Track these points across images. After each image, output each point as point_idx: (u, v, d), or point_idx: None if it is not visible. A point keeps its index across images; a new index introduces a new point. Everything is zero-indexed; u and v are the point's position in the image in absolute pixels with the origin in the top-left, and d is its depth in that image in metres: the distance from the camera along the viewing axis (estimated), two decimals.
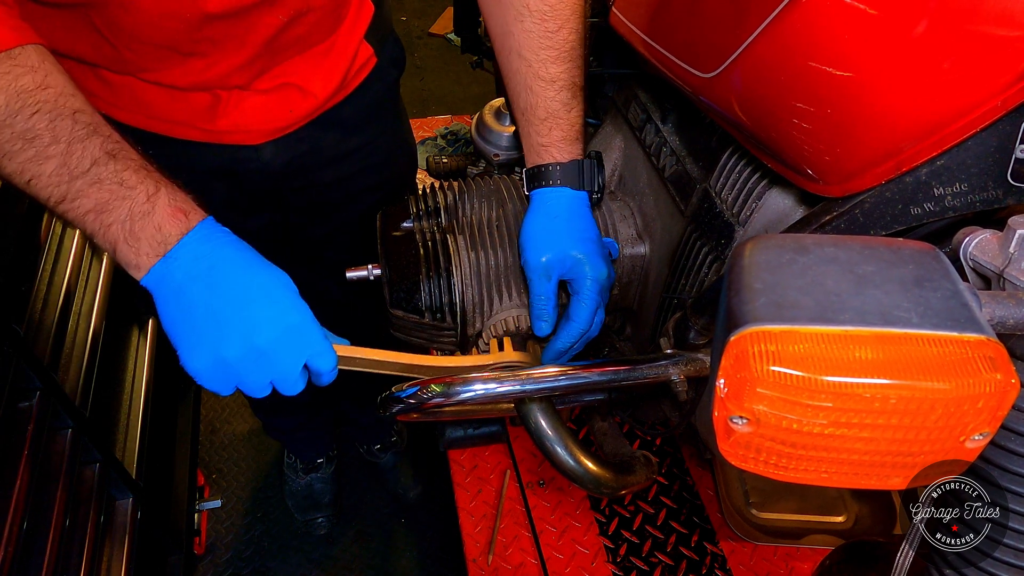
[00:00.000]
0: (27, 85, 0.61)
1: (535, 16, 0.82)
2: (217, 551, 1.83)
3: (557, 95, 0.85)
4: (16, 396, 1.06)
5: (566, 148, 0.88)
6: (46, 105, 0.61)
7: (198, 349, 0.66)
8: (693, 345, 0.79)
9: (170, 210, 0.64)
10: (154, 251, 0.64)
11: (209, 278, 0.65)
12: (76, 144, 0.62)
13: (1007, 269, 0.53)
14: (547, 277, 0.88)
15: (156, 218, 0.64)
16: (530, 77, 0.85)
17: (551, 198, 0.89)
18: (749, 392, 0.43)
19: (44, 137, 0.61)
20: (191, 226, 0.65)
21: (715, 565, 1.38)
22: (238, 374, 0.67)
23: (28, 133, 0.60)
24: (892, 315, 0.42)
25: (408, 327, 0.99)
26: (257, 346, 0.65)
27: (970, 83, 0.57)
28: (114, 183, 0.63)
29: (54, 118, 0.61)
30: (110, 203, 0.63)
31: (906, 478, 0.46)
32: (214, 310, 0.64)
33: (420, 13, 3.88)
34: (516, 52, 0.85)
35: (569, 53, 0.84)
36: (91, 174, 0.62)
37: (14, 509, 0.96)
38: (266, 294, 0.66)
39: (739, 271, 0.46)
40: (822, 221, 0.69)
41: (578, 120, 0.88)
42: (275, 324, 0.66)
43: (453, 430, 1.51)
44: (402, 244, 0.99)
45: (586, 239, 0.88)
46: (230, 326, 0.64)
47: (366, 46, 1.05)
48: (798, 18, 0.64)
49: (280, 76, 0.97)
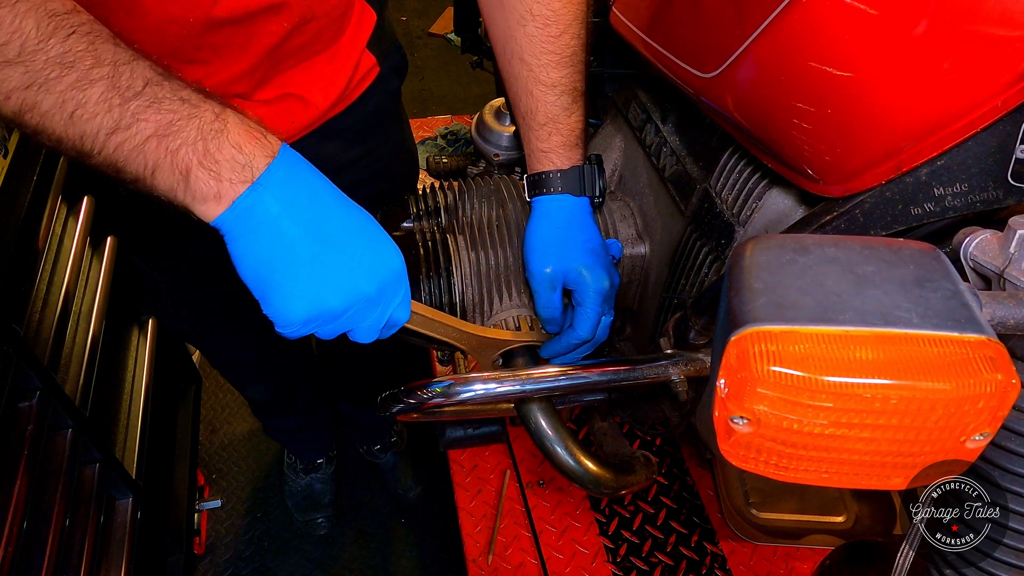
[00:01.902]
0: (57, 8, 0.52)
1: (538, 21, 0.82)
2: (217, 551, 1.83)
3: (557, 100, 0.85)
4: (16, 396, 1.06)
5: (566, 154, 0.88)
6: (82, 27, 0.53)
7: (299, 296, 0.57)
8: (693, 345, 0.79)
9: (245, 129, 0.55)
10: (239, 176, 0.55)
11: (311, 213, 0.57)
12: (123, 66, 0.53)
13: (1007, 269, 0.53)
14: (552, 288, 0.88)
15: (231, 137, 0.54)
16: (531, 81, 0.85)
17: (553, 207, 0.89)
18: (750, 392, 0.43)
19: (86, 59, 0.52)
20: (276, 150, 0.56)
21: (715, 565, 1.38)
22: (332, 323, 0.60)
23: (67, 56, 0.52)
24: (892, 315, 0.42)
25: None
26: (364, 293, 0.60)
27: (970, 83, 0.57)
28: (175, 101, 0.54)
29: (93, 40, 0.53)
30: (175, 123, 0.53)
31: (906, 478, 0.46)
32: (320, 252, 0.57)
33: (420, 13, 3.88)
34: (518, 56, 0.85)
35: (571, 58, 0.84)
36: (147, 94, 0.53)
37: (14, 509, 0.96)
38: (371, 235, 0.61)
39: (739, 271, 0.46)
40: (822, 221, 0.69)
41: (579, 125, 0.88)
42: (382, 269, 0.61)
43: (453, 430, 1.51)
44: (402, 244, 0.99)
45: (588, 249, 0.88)
46: (340, 272, 0.58)
47: (368, 55, 1.05)
48: (798, 18, 0.64)
49: (282, 86, 0.96)
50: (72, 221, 1.34)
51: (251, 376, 1.58)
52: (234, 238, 0.57)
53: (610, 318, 0.91)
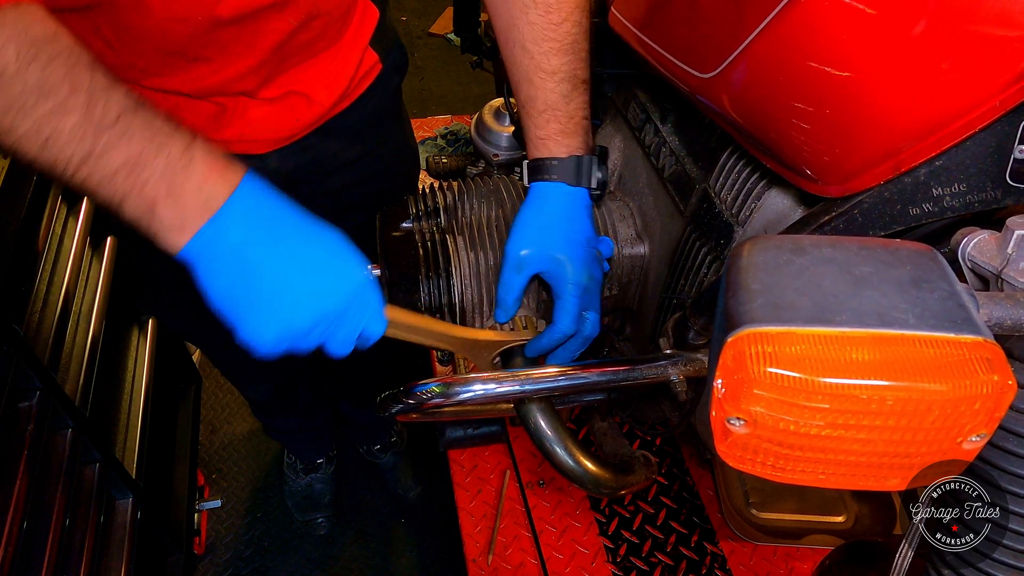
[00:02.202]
0: (39, 34, 0.54)
1: (540, 8, 0.83)
2: (217, 551, 1.83)
3: (556, 87, 0.85)
4: (16, 396, 1.06)
5: (563, 142, 0.88)
6: (62, 54, 0.55)
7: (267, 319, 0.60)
8: (692, 345, 0.79)
9: (210, 162, 0.58)
10: (201, 208, 0.57)
11: (272, 238, 0.59)
12: (99, 93, 0.55)
13: (1005, 270, 0.53)
14: (518, 270, 0.88)
15: (197, 171, 0.57)
16: (531, 69, 0.85)
17: (546, 193, 0.89)
18: (746, 393, 0.43)
19: (63, 88, 0.54)
20: (238, 180, 0.58)
21: (715, 565, 1.38)
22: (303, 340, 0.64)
23: (45, 84, 0.54)
24: (889, 316, 0.42)
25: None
26: (329, 311, 0.62)
27: (969, 83, 0.57)
28: (145, 134, 0.56)
29: (71, 66, 0.55)
30: (144, 156, 0.55)
31: (904, 479, 0.46)
32: (281, 274, 0.60)
33: (420, 13, 3.88)
34: (520, 45, 0.85)
35: (571, 46, 0.85)
36: (120, 125, 0.55)
37: (14, 509, 0.96)
38: (333, 254, 0.63)
39: (737, 272, 0.46)
40: (821, 221, 0.69)
41: (578, 113, 0.88)
42: (347, 285, 0.63)
43: (453, 430, 1.51)
44: (401, 244, 0.99)
45: (572, 240, 0.88)
46: (303, 291, 0.60)
47: (371, 52, 1.05)
48: (797, 18, 0.64)
49: (286, 84, 0.97)
50: (72, 221, 1.34)
51: (251, 376, 1.58)
52: (200, 267, 0.59)
53: (596, 314, 0.90)
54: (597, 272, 0.90)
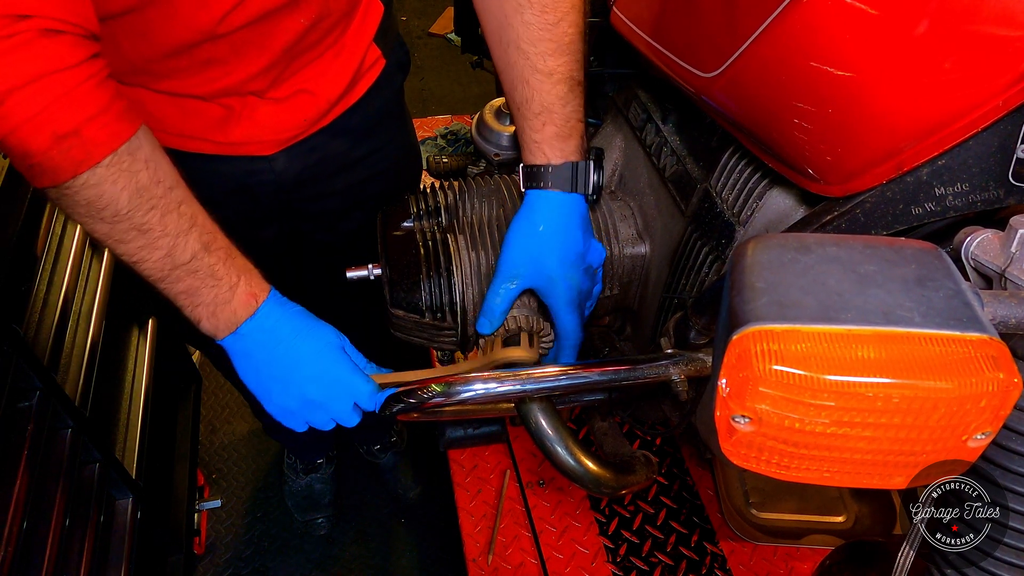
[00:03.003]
0: (144, 181, 0.69)
1: (535, 8, 0.81)
2: (217, 551, 1.83)
3: (553, 88, 0.84)
4: (16, 396, 1.06)
5: (559, 146, 0.87)
6: (160, 202, 0.70)
7: (268, 400, 0.83)
8: (694, 345, 0.79)
9: (245, 297, 0.78)
10: (229, 328, 0.79)
11: (266, 348, 0.80)
12: (181, 237, 0.73)
13: (1009, 268, 0.53)
14: (510, 281, 0.88)
15: (234, 304, 0.78)
16: (527, 70, 0.84)
17: (541, 202, 0.88)
18: (751, 391, 0.43)
19: (156, 231, 0.71)
20: (257, 307, 0.80)
21: (715, 565, 1.38)
22: (303, 417, 0.84)
23: (144, 226, 0.70)
24: (894, 314, 0.42)
25: (408, 327, 0.99)
26: (311, 398, 0.81)
27: (971, 83, 0.57)
28: (207, 275, 0.75)
29: (165, 213, 0.71)
30: (201, 290, 0.76)
31: (908, 477, 0.46)
32: (274, 371, 0.80)
33: (420, 13, 3.88)
34: (514, 44, 0.84)
35: (568, 46, 0.83)
36: (190, 265, 0.74)
37: (14, 509, 0.96)
38: (314, 355, 0.81)
39: (741, 270, 0.46)
40: (823, 221, 0.69)
41: (574, 115, 0.86)
42: (322, 380, 0.81)
43: (453, 430, 1.51)
44: (402, 244, 0.99)
45: (565, 258, 0.87)
46: (288, 383, 0.81)
47: (374, 48, 1.05)
48: (799, 18, 0.64)
49: (294, 83, 0.97)
50: (72, 222, 1.34)
51: None
52: (231, 356, 0.81)
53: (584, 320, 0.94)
54: (586, 284, 0.91)
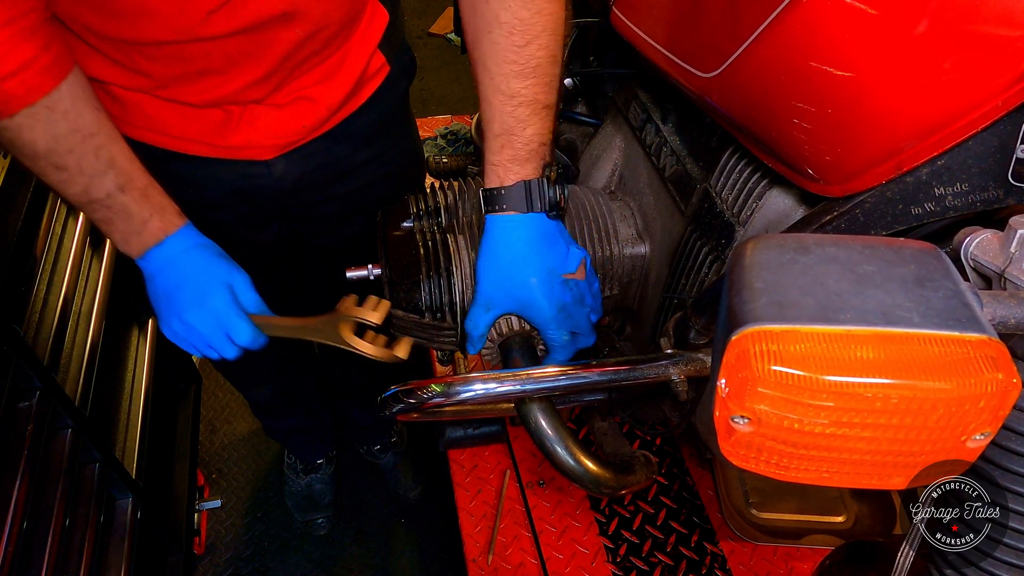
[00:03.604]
0: (62, 130, 0.78)
1: (503, 28, 0.79)
2: (217, 551, 1.83)
3: (513, 111, 0.82)
4: (16, 396, 1.06)
5: (514, 169, 0.84)
6: (78, 147, 0.80)
7: (160, 318, 0.93)
8: (693, 345, 0.79)
9: (154, 231, 0.88)
10: (138, 252, 0.89)
11: (163, 274, 0.90)
12: (96, 178, 0.82)
13: (1008, 269, 0.53)
14: (485, 309, 0.88)
15: (144, 236, 0.88)
16: (491, 90, 0.82)
17: (498, 228, 0.86)
18: (750, 391, 0.43)
19: (72, 170, 0.80)
20: (162, 239, 0.89)
21: (715, 565, 1.38)
22: (187, 340, 0.92)
23: (61, 165, 0.80)
24: (893, 315, 0.42)
25: (408, 326, 0.99)
26: (189, 322, 0.90)
27: (971, 83, 0.57)
28: (120, 210, 0.85)
29: (81, 157, 0.80)
30: (114, 221, 0.86)
31: (907, 478, 0.46)
32: (167, 293, 0.90)
33: (420, 13, 3.88)
34: (481, 63, 0.83)
35: (535, 70, 0.81)
36: (104, 201, 0.84)
37: (14, 509, 0.96)
38: (196, 287, 0.89)
39: (740, 271, 0.46)
40: (823, 221, 0.69)
41: (534, 140, 0.84)
42: (200, 309, 0.89)
43: (453, 430, 1.50)
44: (402, 244, 0.99)
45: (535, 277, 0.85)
46: (173, 305, 0.90)
47: (379, 55, 1.04)
48: (798, 18, 0.64)
49: (295, 91, 0.97)
50: (72, 221, 1.34)
51: (253, 377, 1.58)
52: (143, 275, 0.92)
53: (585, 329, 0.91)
54: (567, 296, 0.88)
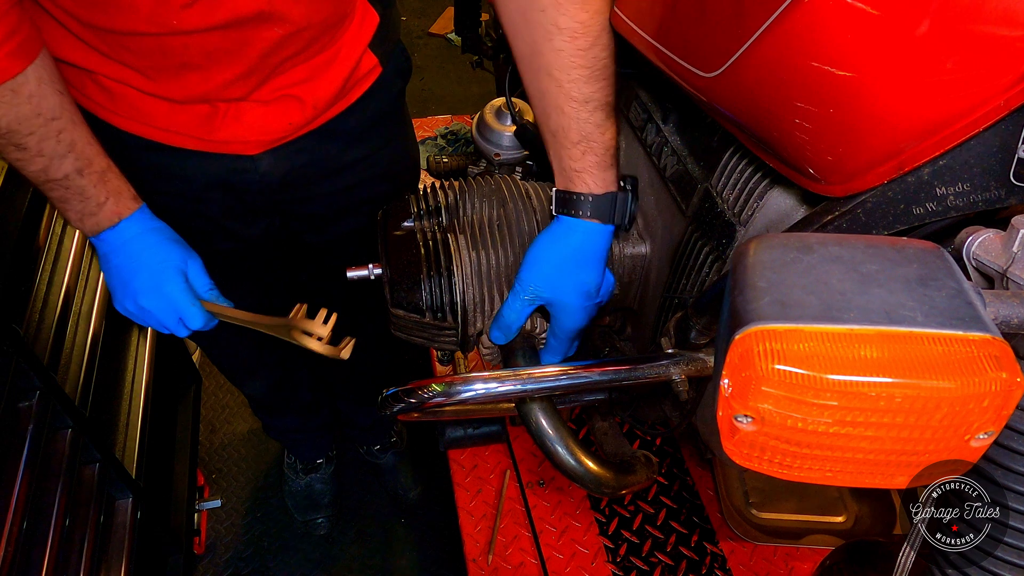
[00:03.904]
0: (25, 113, 0.81)
1: (565, 34, 0.78)
2: (217, 551, 1.83)
3: (591, 116, 0.81)
4: (16, 396, 1.06)
5: (600, 176, 0.83)
6: (40, 130, 0.82)
7: (114, 297, 0.96)
8: (694, 345, 0.79)
9: (109, 214, 0.91)
10: (93, 232, 0.92)
11: (117, 255, 0.93)
12: (56, 160, 0.85)
13: (1011, 268, 0.53)
14: (529, 302, 0.88)
15: (99, 217, 0.91)
16: (561, 98, 0.80)
17: (574, 231, 0.85)
18: (754, 390, 0.43)
19: (32, 151, 0.83)
20: (116, 223, 0.92)
21: (715, 565, 1.38)
22: (141, 319, 0.96)
23: (21, 146, 0.83)
24: (897, 314, 0.42)
25: (409, 326, 0.99)
26: (143, 305, 0.94)
27: (973, 83, 0.57)
28: (76, 191, 0.88)
29: (42, 139, 0.83)
30: (71, 200, 0.89)
31: (910, 477, 0.46)
32: (121, 275, 0.94)
33: (420, 13, 3.88)
34: (546, 71, 0.80)
35: (602, 71, 0.81)
36: (62, 182, 0.87)
37: (14, 509, 0.96)
38: (150, 270, 0.92)
39: (743, 270, 0.46)
40: (824, 221, 0.69)
41: (612, 143, 0.84)
42: (153, 293, 0.93)
43: (453, 430, 1.51)
44: (403, 243, 0.99)
45: (581, 289, 0.87)
46: (127, 288, 0.94)
47: (370, 56, 1.04)
48: (800, 18, 0.64)
49: (280, 88, 0.97)
50: None
51: (248, 371, 1.57)
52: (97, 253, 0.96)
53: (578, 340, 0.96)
54: (593, 313, 0.92)
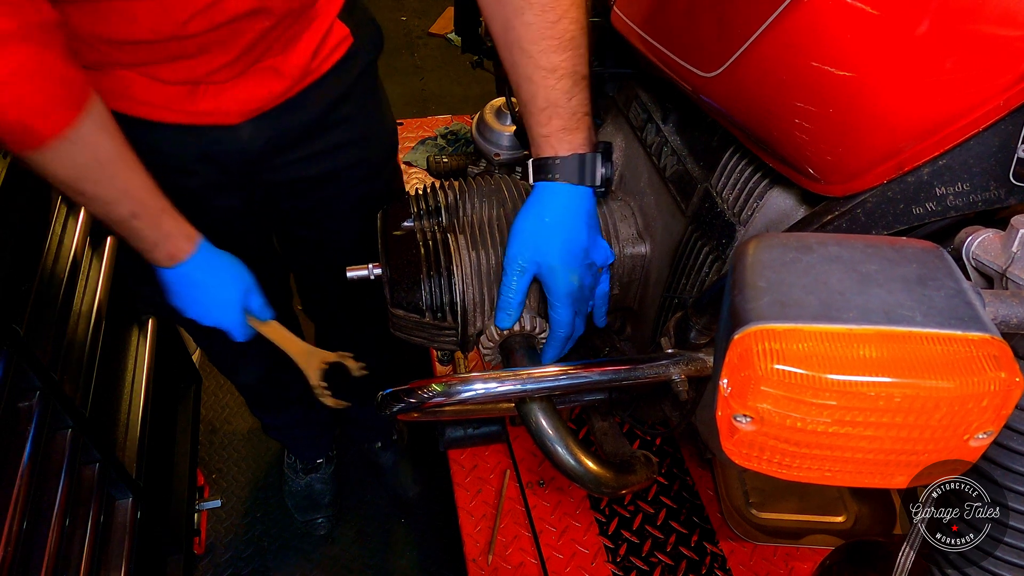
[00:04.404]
0: (84, 161, 0.85)
1: (535, 9, 0.83)
2: (217, 551, 1.83)
3: (557, 83, 0.86)
4: (16, 396, 1.06)
5: (566, 138, 0.88)
6: (95, 176, 0.88)
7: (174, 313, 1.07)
8: (694, 344, 0.79)
9: (163, 255, 0.99)
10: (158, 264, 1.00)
11: (181, 284, 1.02)
12: (112, 205, 0.91)
13: (1010, 268, 0.53)
14: (520, 272, 0.89)
15: (156, 255, 0.99)
16: (530, 68, 0.86)
17: (547, 193, 0.89)
18: (753, 390, 0.43)
19: (90, 195, 0.89)
20: (171, 265, 1.00)
21: (715, 565, 1.38)
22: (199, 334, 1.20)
23: (82, 191, 0.88)
24: (896, 313, 0.42)
25: (409, 326, 0.99)
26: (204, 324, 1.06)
27: (972, 83, 0.57)
28: (134, 232, 0.95)
29: (96, 184, 0.88)
30: (131, 239, 0.96)
31: (909, 477, 0.46)
32: (181, 300, 1.04)
33: (420, 13, 3.88)
34: (517, 45, 0.86)
35: (570, 42, 0.85)
36: (121, 224, 0.93)
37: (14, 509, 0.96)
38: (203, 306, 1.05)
39: (743, 269, 0.46)
40: (824, 221, 0.69)
41: (580, 108, 0.88)
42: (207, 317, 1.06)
43: (453, 430, 1.51)
44: (403, 243, 0.99)
45: (568, 248, 0.88)
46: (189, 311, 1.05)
47: (340, 25, 1.08)
48: (800, 18, 0.64)
49: (259, 61, 1.01)
50: (72, 221, 1.34)
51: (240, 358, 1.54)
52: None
53: (583, 316, 0.94)
54: (587, 279, 0.91)
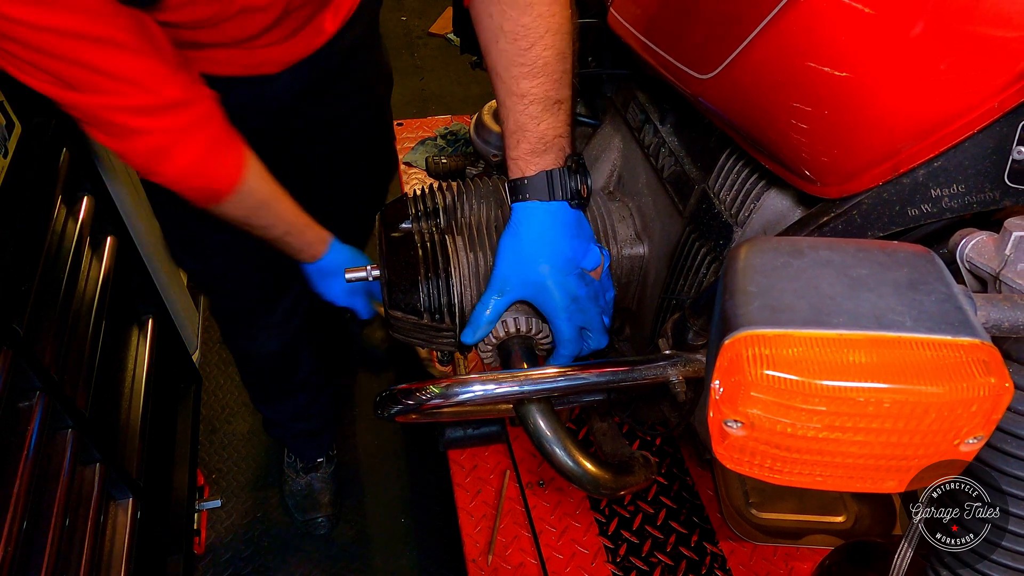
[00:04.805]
0: (252, 204, 1.04)
1: (508, 37, 0.86)
2: (217, 551, 1.83)
3: (526, 108, 0.88)
4: (16, 396, 1.06)
5: (533, 160, 0.90)
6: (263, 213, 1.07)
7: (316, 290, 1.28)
8: (692, 346, 0.79)
9: (308, 256, 1.19)
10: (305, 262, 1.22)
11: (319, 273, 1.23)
12: (270, 228, 1.10)
13: (1003, 271, 0.53)
14: (499, 292, 0.90)
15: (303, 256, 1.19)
16: (503, 92, 0.89)
17: (522, 214, 0.90)
18: (743, 396, 0.43)
19: (255, 225, 1.08)
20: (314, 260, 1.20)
21: (715, 565, 1.38)
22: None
23: (249, 224, 1.08)
24: (886, 318, 0.42)
25: (407, 328, 0.99)
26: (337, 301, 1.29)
27: (967, 84, 0.57)
28: (286, 244, 1.14)
29: (262, 218, 1.08)
30: (283, 249, 1.16)
31: (901, 481, 0.46)
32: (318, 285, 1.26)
33: (420, 13, 3.88)
34: (494, 70, 0.89)
35: (543, 69, 0.87)
36: (275, 240, 1.13)
37: (14, 509, 0.96)
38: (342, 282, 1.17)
39: (734, 274, 0.46)
40: (820, 222, 0.69)
41: (548, 132, 0.89)
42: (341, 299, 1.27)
43: (453, 430, 1.51)
44: (401, 245, 0.99)
45: (553, 263, 0.88)
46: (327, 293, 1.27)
47: None
48: (796, 18, 0.64)
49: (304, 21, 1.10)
50: (72, 221, 1.34)
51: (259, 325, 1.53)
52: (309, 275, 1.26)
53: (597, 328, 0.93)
54: (582, 289, 0.90)
